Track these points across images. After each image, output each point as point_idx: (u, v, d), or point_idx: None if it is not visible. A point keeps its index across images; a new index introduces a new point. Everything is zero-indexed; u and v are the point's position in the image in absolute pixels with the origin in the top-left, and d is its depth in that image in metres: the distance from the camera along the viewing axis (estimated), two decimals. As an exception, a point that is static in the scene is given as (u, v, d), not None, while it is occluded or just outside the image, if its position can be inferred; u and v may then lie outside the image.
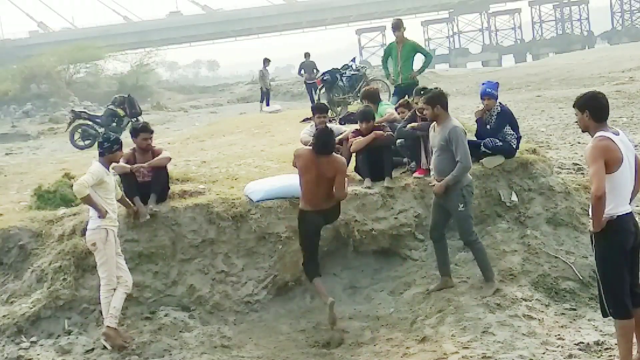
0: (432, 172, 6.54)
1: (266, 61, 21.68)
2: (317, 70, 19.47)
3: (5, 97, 37.40)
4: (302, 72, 20.51)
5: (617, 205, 4.57)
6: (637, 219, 8.25)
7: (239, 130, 14.29)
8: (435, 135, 6.39)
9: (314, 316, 6.75)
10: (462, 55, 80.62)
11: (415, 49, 10.81)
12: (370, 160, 7.63)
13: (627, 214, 4.64)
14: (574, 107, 4.79)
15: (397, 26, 10.65)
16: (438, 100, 6.32)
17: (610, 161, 4.49)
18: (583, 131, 4.87)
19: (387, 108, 8.98)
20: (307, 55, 20.66)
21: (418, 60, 11.14)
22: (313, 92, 18.98)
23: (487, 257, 6.53)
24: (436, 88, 6.53)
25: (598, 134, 4.61)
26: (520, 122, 8.71)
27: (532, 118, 15.30)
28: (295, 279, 7.01)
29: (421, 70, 11.12)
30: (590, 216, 4.63)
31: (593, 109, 4.66)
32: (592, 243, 4.77)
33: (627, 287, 4.69)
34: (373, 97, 9.04)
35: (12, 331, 6.24)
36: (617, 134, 4.63)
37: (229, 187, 7.70)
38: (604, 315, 4.82)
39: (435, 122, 6.43)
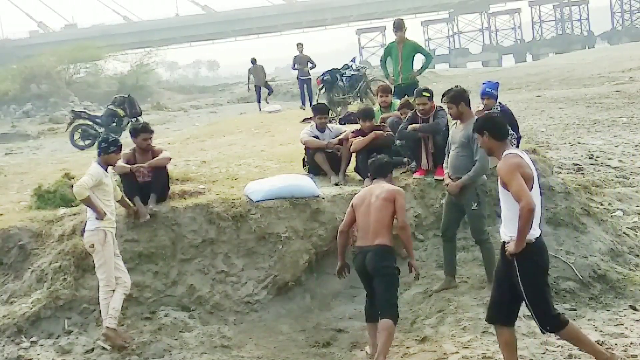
0: (446, 169, 6.52)
1: (254, 61, 20.05)
2: (313, 64, 18.27)
3: (5, 97, 37.43)
4: (296, 66, 18.31)
5: (534, 227, 4.50)
6: (636, 219, 8.31)
7: (239, 130, 14.30)
8: (457, 131, 6.33)
9: (314, 316, 6.75)
10: (462, 55, 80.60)
11: (416, 49, 10.82)
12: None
13: (540, 235, 4.60)
14: (472, 132, 4.79)
15: (399, 26, 10.65)
16: (461, 97, 6.28)
17: (524, 176, 4.45)
18: (489, 154, 4.89)
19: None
20: (299, 46, 18.41)
21: (418, 60, 11.16)
22: (305, 88, 18.19)
23: (495, 258, 6.52)
24: (457, 86, 6.48)
25: (506, 151, 4.62)
26: (520, 122, 8.72)
27: (532, 118, 15.30)
28: (295, 279, 7.00)
29: (421, 71, 11.15)
30: (508, 234, 4.53)
31: (490, 129, 4.70)
32: (511, 268, 4.56)
33: (552, 301, 4.73)
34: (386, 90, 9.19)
35: (12, 331, 6.24)
36: (522, 152, 4.66)
37: (229, 187, 7.69)
38: (543, 332, 4.80)
39: (458, 120, 6.36)
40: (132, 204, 6.83)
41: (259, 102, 20.69)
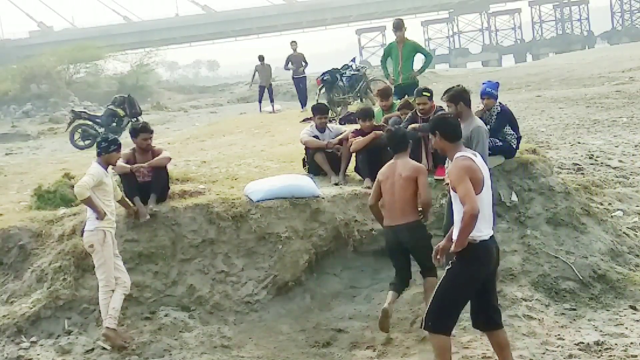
0: (447, 170, 6.52)
1: (262, 58, 19.35)
2: (306, 63, 18.07)
3: (5, 97, 37.43)
4: (290, 64, 18.03)
5: (480, 229, 4.50)
6: (636, 219, 8.29)
7: (239, 130, 14.31)
8: None
9: (314, 316, 6.75)
10: (462, 55, 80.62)
11: (416, 49, 10.83)
12: (370, 160, 7.62)
13: (490, 237, 4.61)
14: (430, 132, 4.82)
15: (399, 26, 10.66)
16: (460, 97, 6.27)
17: (473, 181, 4.46)
18: (441, 154, 4.89)
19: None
20: (293, 44, 18.00)
21: (418, 60, 11.17)
22: (301, 88, 17.98)
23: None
24: (458, 85, 6.47)
25: (458, 154, 4.62)
26: (520, 122, 8.71)
27: (532, 118, 15.30)
28: (295, 279, 7.00)
29: (421, 71, 11.15)
30: (452, 235, 4.56)
31: (442, 130, 4.72)
32: (447, 263, 4.66)
33: (459, 312, 4.69)
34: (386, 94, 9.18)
35: (12, 331, 6.24)
36: (475, 155, 4.65)
37: (229, 187, 7.70)
38: (421, 326, 4.79)
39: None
40: (132, 204, 6.83)
41: (260, 102, 20.37)
